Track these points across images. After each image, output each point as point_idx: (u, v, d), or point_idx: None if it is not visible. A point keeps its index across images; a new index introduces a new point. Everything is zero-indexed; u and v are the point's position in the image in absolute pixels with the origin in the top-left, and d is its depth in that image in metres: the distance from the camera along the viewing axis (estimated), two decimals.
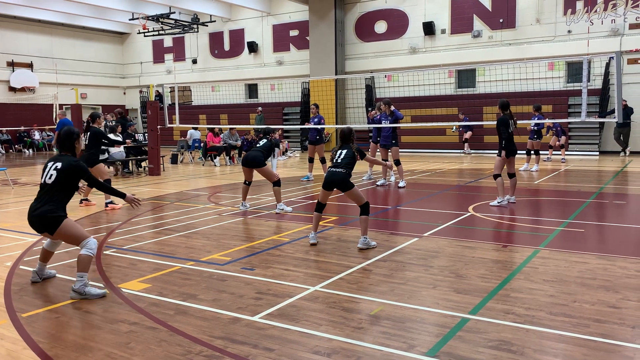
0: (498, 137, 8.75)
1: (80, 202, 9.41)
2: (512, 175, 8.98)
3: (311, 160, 12.93)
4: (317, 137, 12.75)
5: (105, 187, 5.18)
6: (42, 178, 4.78)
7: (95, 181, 5.00)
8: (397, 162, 11.22)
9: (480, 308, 4.17)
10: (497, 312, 4.07)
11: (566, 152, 19.23)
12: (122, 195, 5.14)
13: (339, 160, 6.34)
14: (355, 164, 6.48)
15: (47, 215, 4.61)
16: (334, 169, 6.31)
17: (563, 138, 17.06)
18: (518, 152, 9.14)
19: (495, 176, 8.84)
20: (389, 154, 11.63)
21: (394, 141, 11.27)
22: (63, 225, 4.63)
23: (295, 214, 8.42)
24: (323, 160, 12.70)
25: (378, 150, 11.89)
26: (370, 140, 12.59)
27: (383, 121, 11.34)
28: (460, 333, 3.71)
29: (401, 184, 11.24)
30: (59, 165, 4.72)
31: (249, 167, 8.63)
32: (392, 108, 11.29)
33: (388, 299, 4.42)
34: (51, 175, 4.70)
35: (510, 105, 8.77)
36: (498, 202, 8.78)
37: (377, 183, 11.70)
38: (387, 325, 3.88)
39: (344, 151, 6.40)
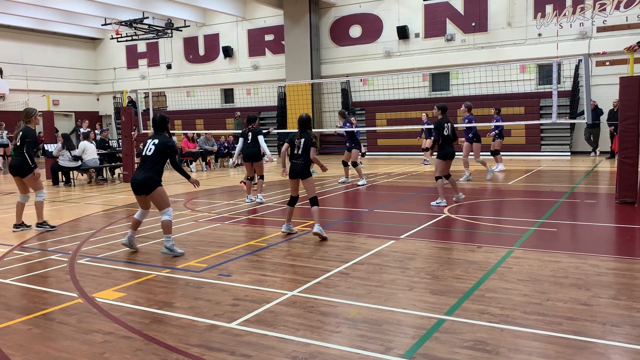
0: (434, 140, 9.16)
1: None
2: (449, 176, 9.23)
3: None
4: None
5: (180, 169, 6.26)
6: (143, 151, 6.20)
7: (176, 162, 6.27)
8: (345, 164, 12.70)
9: (456, 309, 4.22)
10: (473, 313, 4.13)
11: (538, 153, 19.67)
12: (187, 177, 6.29)
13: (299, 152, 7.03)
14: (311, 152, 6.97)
15: (149, 180, 6.03)
16: (295, 161, 7.02)
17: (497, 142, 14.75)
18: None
19: (437, 178, 9.10)
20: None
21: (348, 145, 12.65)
22: (157, 190, 6.08)
23: (273, 218, 8.41)
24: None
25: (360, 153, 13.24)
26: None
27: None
28: (436, 334, 3.75)
29: (342, 180, 12.67)
30: (156, 141, 6.15)
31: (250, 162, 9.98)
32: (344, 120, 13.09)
33: (365, 302, 4.44)
34: (150, 149, 6.13)
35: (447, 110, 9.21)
36: (437, 203, 9.03)
37: (339, 180, 12.82)
38: (364, 328, 3.90)
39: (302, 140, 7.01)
